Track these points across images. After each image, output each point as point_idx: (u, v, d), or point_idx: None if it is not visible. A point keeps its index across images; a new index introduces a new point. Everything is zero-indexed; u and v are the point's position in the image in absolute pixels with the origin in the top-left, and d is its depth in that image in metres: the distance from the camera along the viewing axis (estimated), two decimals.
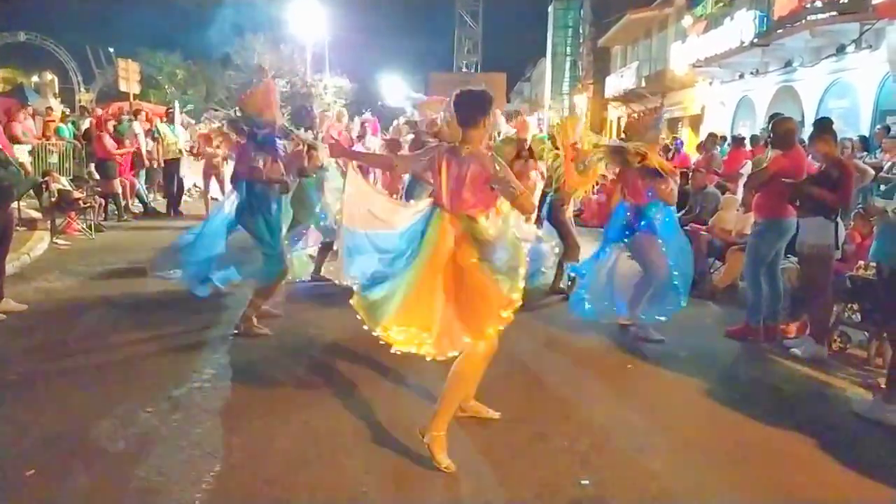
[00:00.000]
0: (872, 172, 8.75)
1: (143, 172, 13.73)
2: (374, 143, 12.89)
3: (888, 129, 10.65)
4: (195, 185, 14.96)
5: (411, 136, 9.17)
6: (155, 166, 13.66)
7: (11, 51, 30.61)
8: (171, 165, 13.25)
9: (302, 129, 7.58)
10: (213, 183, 12.72)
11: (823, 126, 5.84)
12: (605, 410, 4.42)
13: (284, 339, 5.56)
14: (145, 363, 4.97)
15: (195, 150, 13.56)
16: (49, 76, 26.26)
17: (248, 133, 5.68)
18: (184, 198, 13.93)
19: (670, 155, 13.74)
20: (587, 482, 3.49)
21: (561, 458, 3.71)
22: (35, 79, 28.10)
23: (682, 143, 15.24)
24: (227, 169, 11.33)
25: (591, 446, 3.87)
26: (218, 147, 12.25)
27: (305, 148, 7.06)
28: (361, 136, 13.55)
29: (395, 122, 12.56)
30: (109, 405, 4.21)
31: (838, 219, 5.58)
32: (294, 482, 3.41)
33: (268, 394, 4.42)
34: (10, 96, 22.05)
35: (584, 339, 5.88)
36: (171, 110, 14.38)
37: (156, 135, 13.24)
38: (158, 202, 14.20)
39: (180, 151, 13.34)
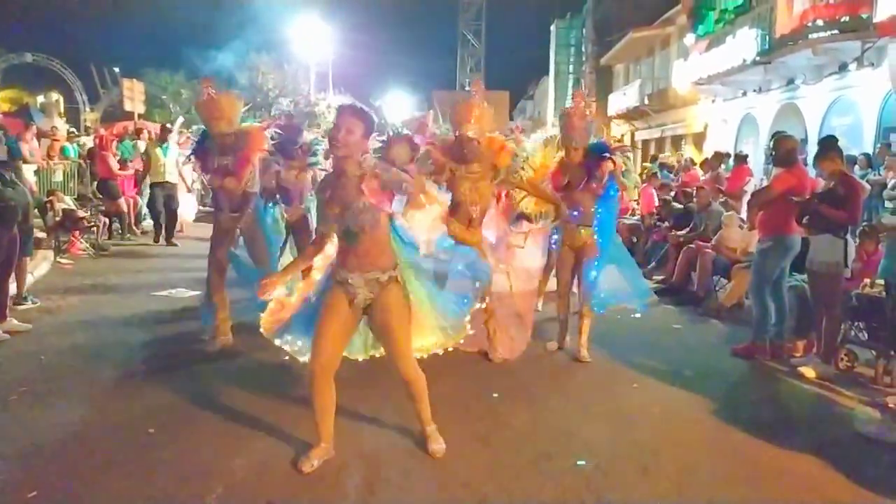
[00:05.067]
0: (869, 188, 8.75)
1: (146, 192, 13.55)
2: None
3: (889, 146, 10.68)
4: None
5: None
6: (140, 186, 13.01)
7: (18, 71, 30.89)
8: (161, 188, 12.00)
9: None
10: None
11: (829, 144, 5.81)
12: (611, 429, 4.39)
13: (288, 360, 5.53)
14: (148, 382, 4.95)
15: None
16: (55, 96, 26.37)
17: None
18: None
19: (675, 174, 13.81)
20: (592, 501, 3.45)
21: (565, 478, 3.68)
22: (41, 99, 28.25)
23: (691, 159, 15.36)
24: None
25: (597, 466, 3.83)
26: None
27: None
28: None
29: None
30: (111, 425, 4.20)
31: (848, 236, 5.57)
32: (296, 502, 3.38)
33: (271, 413, 4.39)
34: (16, 116, 22.16)
35: (588, 357, 5.83)
36: (168, 126, 13.22)
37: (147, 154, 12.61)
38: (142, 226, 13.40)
39: (180, 178, 12.96)
